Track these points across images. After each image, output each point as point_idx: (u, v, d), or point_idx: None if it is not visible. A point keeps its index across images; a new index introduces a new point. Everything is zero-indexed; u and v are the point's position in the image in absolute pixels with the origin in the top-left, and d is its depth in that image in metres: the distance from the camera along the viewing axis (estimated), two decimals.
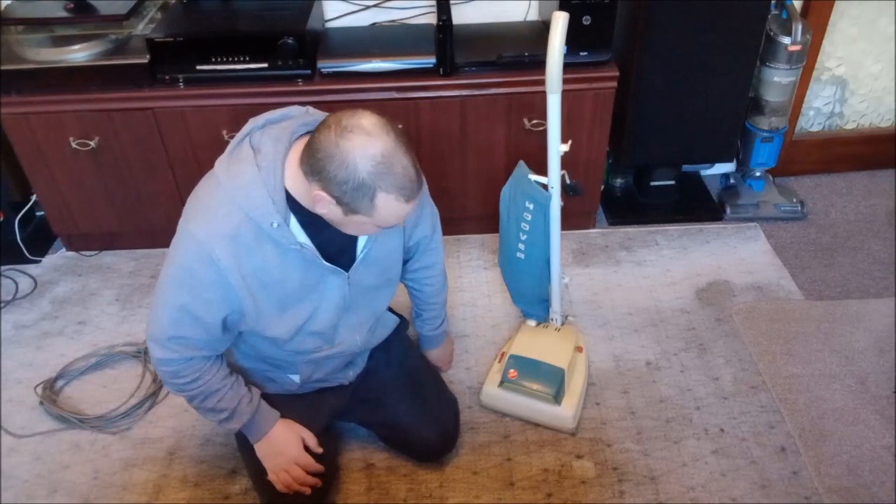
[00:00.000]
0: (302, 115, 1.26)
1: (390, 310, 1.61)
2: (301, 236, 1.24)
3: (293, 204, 1.22)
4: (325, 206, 1.15)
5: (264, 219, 1.18)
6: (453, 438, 1.62)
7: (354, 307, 1.42)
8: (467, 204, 2.20)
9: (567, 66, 1.46)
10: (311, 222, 1.25)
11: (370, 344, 1.55)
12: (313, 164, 1.12)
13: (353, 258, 1.35)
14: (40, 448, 1.69)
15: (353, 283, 1.36)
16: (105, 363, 1.91)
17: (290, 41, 1.90)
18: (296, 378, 1.49)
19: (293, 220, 1.23)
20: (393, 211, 1.14)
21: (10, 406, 1.80)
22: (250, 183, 1.17)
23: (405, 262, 1.54)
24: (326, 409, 1.55)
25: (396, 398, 1.57)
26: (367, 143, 1.08)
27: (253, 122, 1.25)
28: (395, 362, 1.62)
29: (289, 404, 1.50)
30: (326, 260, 1.28)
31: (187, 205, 1.25)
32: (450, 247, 2.27)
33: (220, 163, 1.23)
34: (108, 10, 1.98)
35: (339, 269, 1.31)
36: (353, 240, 1.34)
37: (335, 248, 1.31)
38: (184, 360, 1.30)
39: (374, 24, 2.22)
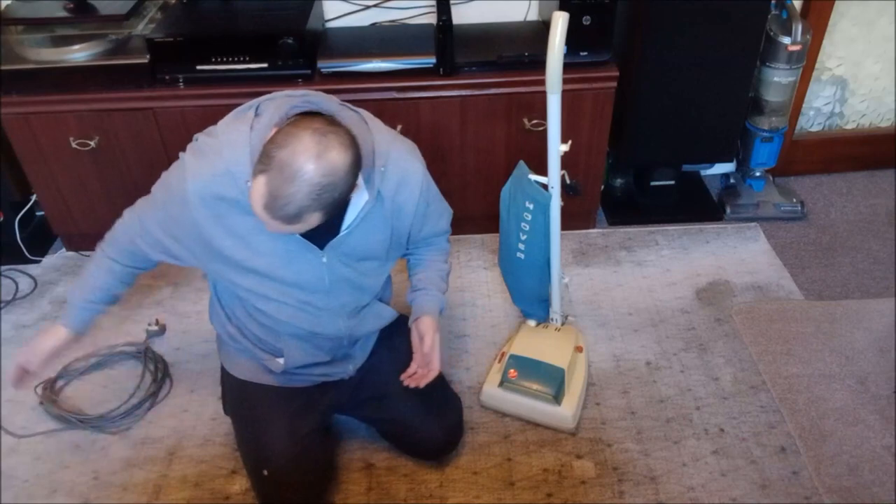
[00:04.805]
0: (315, 95, 1.27)
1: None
2: None
3: None
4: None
5: (241, 175, 1.22)
6: (458, 436, 1.62)
7: (336, 291, 1.40)
8: (467, 204, 2.20)
9: (567, 66, 1.46)
10: None
11: (357, 331, 1.51)
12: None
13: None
14: (40, 448, 1.69)
15: (329, 265, 1.35)
16: (105, 363, 1.91)
17: (290, 41, 1.90)
18: (280, 360, 1.48)
19: None
20: (256, 201, 1.14)
21: (10, 406, 1.80)
22: (237, 140, 1.23)
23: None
24: (325, 404, 1.55)
25: (400, 395, 1.56)
26: (298, 147, 1.10)
27: (268, 95, 1.29)
28: (399, 359, 1.61)
29: (287, 397, 1.49)
30: (305, 237, 1.29)
31: (190, 146, 1.29)
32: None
33: (224, 119, 1.28)
34: (108, 10, 1.98)
35: (311, 244, 1.31)
36: (335, 224, 1.32)
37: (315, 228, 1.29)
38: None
39: (374, 24, 2.22)
